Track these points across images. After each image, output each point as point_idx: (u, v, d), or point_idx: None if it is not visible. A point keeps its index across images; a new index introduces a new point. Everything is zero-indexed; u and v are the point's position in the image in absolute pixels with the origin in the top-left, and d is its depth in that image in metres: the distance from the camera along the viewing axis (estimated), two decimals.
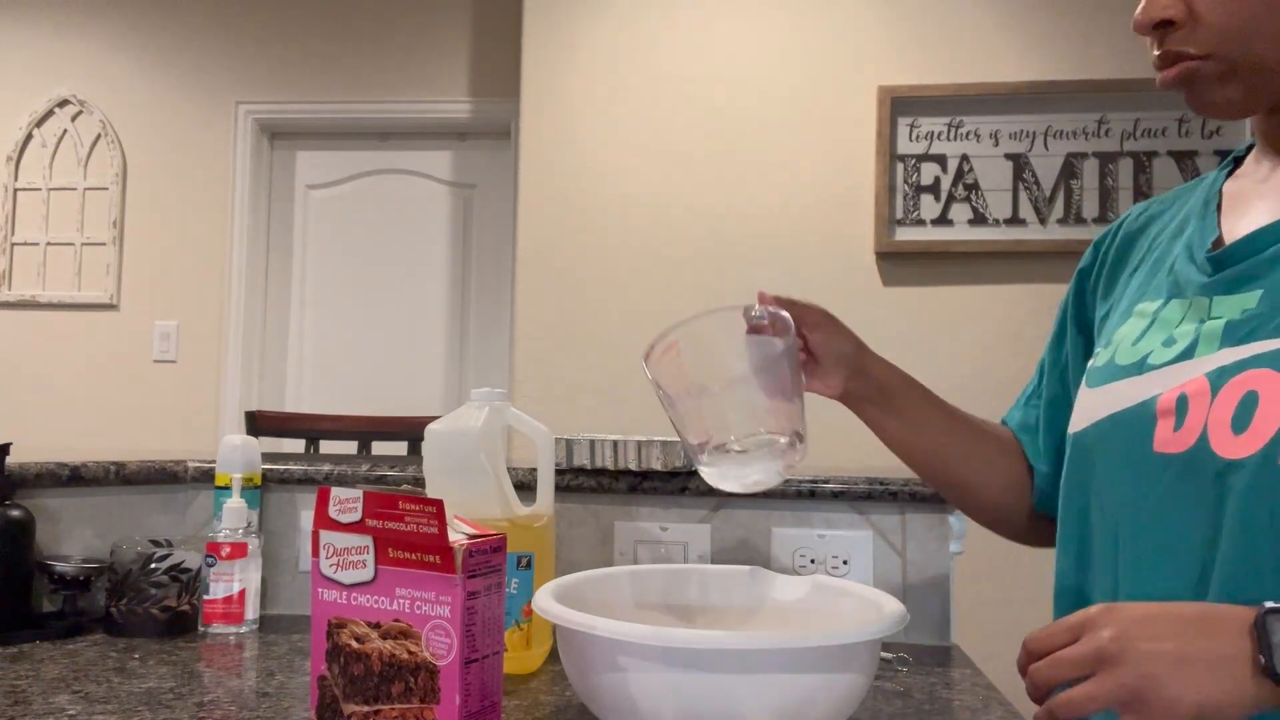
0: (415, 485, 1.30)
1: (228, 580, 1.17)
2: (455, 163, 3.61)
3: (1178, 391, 0.71)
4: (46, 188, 3.60)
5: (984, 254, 2.66)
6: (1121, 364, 0.78)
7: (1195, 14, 0.71)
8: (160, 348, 3.53)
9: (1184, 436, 0.69)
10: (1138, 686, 0.56)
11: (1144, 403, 0.73)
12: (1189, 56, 0.72)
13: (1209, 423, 0.68)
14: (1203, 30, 0.71)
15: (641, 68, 2.82)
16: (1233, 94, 0.73)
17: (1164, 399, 0.72)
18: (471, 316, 3.56)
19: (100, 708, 0.87)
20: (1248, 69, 0.71)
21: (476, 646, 0.73)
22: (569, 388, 2.77)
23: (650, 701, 0.74)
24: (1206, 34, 0.71)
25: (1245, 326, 0.69)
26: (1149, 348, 0.76)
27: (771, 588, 0.97)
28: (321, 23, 3.54)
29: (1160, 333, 0.76)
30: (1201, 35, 0.71)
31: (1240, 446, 0.65)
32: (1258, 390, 0.65)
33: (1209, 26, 0.71)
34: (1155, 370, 0.74)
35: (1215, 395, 0.68)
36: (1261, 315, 0.69)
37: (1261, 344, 0.67)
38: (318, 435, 2.22)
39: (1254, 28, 0.69)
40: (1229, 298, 0.72)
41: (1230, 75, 0.72)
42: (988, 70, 2.67)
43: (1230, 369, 0.68)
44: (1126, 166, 2.62)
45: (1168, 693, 0.56)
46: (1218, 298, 0.73)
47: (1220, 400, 0.67)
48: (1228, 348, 0.69)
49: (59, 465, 1.24)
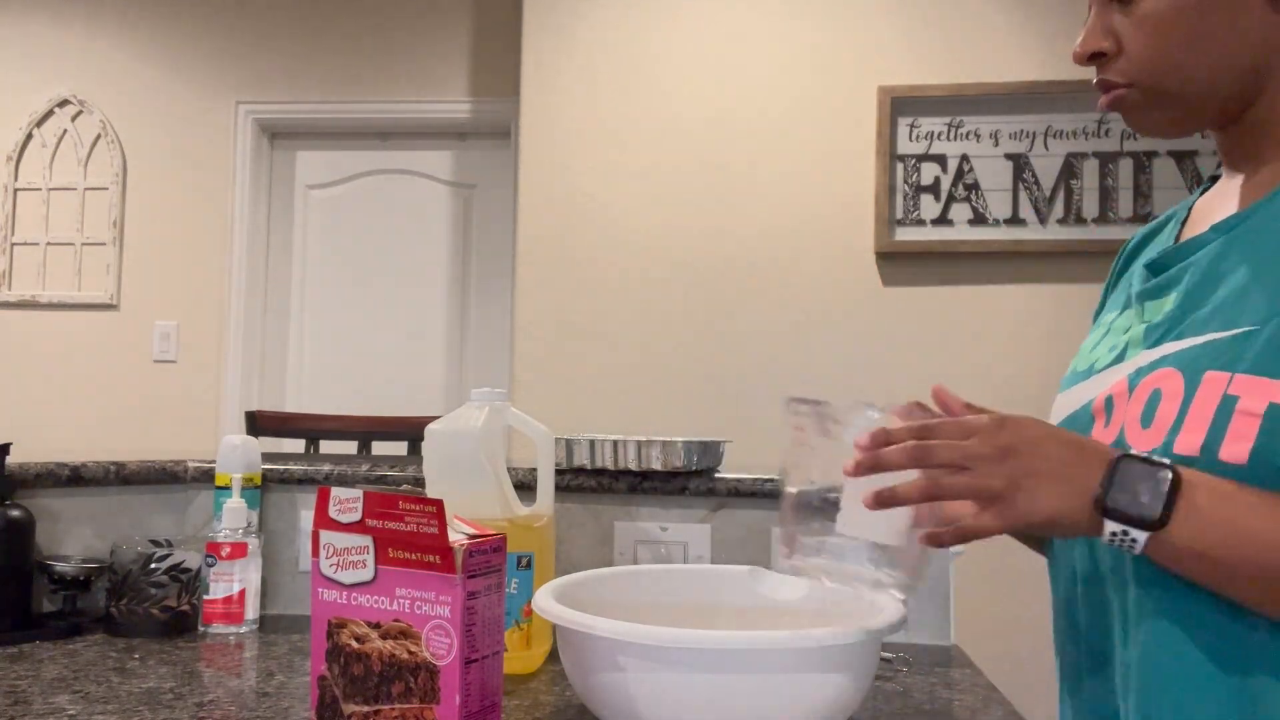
0: (415, 485, 1.30)
1: (228, 580, 1.17)
2: (455, 163, 3.61)
3: (1106, 393, 0.79)
4: (46, 188, 3.60)
5: (984, 254, 2.66)
6: (1078, 370, 0.86)
7: (1122, 46, 0.77)
8: (160, 348, 3.53)
9: (1110, 433, 0.77)
10: (1006, 487, 0.66)
11: (1086, 405, 0.82)
12: (1118, 85, 0.78)
13: (1125, 420, 0.75)
14: (1127, 61, 0.77)
15: (642, 68, 2.82)
16: (1159, 118, 0.78)
17: (1097, 400, 0.80)
18: (471, 316, 3.56)
19: (100, 708, 0.87)
20: (1169, 96, 0.77)
21: (477, 646, 0.73)
22: (569, 388, 2.77)
23: (650, 701, 0.74)
24: (1131, 65, 0.77)
25: (1159, 329, 0.77)
26: (1098, 355, 0.84)
27: (771, 588, 0.97)
28: (321, 23, 3.54)
29: (1110, 339, 0.83)
30: (1127, 66, 0.77)
31: (1146, 440, 0.72)
32: (1161, 388, 0.72)
33: (1132, 58, 0.77)
34: (1097, 374, 0.82)
35: (1131, 394, 0.75)
36: (1173, 317, 0.76)
37: (1169, 345, 0.74)
38: (318, 435, 2.22)
39: (1171, 60, 0.75)
40: (1153, 302, 0.79)
41: (1155, 102, 0.77)
42: (988, 70, 2.67)
43: (1145, 369, 0.75)
44: (1126, 166, 2.62)
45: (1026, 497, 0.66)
46: (1147, 303, 0.80)
47: (1134, 398, 0.75)
48: (1145, 350, 0.77)
49: (59, 465, 1.24)
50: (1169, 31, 0.75)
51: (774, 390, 2.63)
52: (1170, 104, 0.77)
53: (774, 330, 2.71)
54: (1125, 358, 0.79)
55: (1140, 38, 0.76)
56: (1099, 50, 0.78)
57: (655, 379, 2.74)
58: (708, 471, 1.27)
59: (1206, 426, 0.68)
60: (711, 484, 1.26)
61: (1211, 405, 0.68)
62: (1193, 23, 0.74)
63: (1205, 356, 0.70)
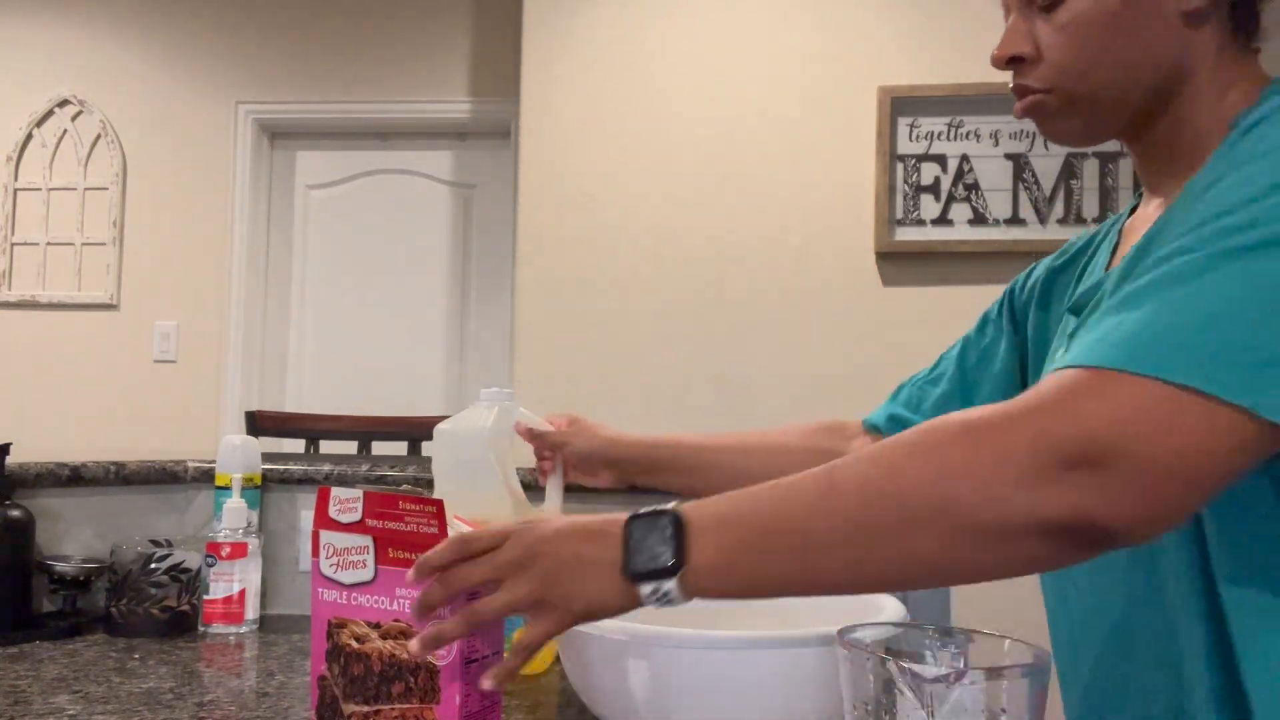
0: (415, 485, 1.30)
1: (228, 580, 1.17)
2: (455, 163, 3.61)
3: None
4: (46, 188, 3.60)
5: (984, 254, 2.66)
6: None
7: (1040, 51, 0.78)
8: (160, 348, 3.53)
9: None
10: (540, 591, 0.65)
11: None
12: (1034, 90, 0.79)
13: None
14: (1045, 67, 0.78)
15: (641, 67, 2.82)
16: (1073, 125, 0.80)
17: None
18: (471, 316, 3.56)
19: (100, 708, 0.87)
20: (1085, 103, 0.78)
21: (476, 647, 0.73)
22: (569, 388, 2.77)
23: (650, 701, 0.74)
24: (1048, 70, 0.78)
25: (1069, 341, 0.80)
26: None
27: None
28: (321, 23, 3.54)
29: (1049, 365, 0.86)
30: (1044, 71, 0.78)
31: None
32: None
33: (1050, 64, 0.78)
34: None
35: None
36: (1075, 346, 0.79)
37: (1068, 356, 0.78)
38: (318, 435, 2.22)
39: (1088, 66, 0.76)
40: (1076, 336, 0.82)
41: (1069, 108, 0.78)
42: (988, 70, 2.65)
43: None
44: (1126, 166, 2.62)
45: (561, 593, 0.64)
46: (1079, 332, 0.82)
47: None
48: None
49: (59, 465, 1.24)
50: (1089, 38, 0.75)
51: (774, 390, 2.63)
52: (1084, 110, 0.78)
53: (774, 330, 2.70)
54: None
55: (1060, 43, 0.77)
56: (1018, 54, 0.79)
57: (655, 379, 2.74)
58: None
59: None
60: None
61: None
62: (1111, 31, 0.75)
63: None
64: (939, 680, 0.54)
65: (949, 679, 0.54)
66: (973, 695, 0.54)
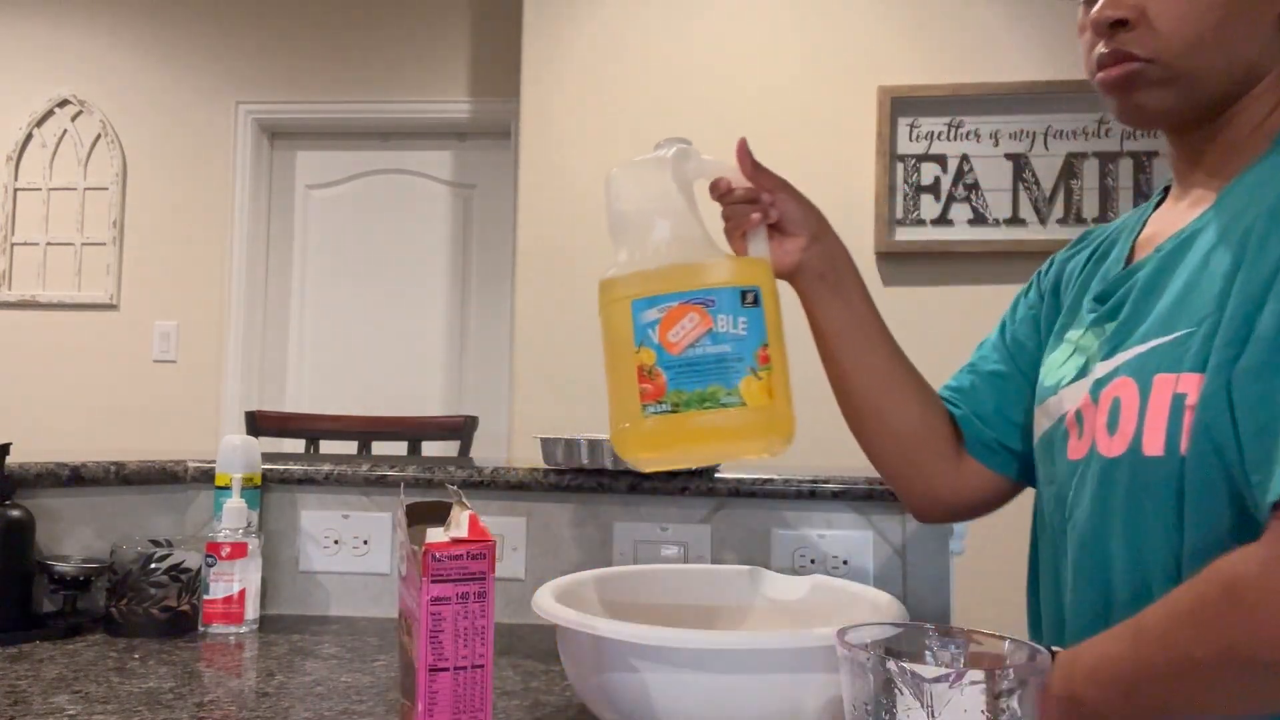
0: (427, 486, 1.30)
1: (228, 580, 1.17)
2: (455, 163, 3.61)
3: (1076, 407, 0.82)
4: (46, 188, 3.60)
5: (984, 254, 2.66)
6: (1047, 385, 0.89)
7: (1148, 18, 0.75)
8: (160, 348, 3.53)
9: (1084, 444, 0.80)
10: None
11: (1059, 419, 0.85)
12: (1135, 58, 0.76)
13: (1095, 430, 0.78)
14: (1153, 34, 0.75)
15: (641, 67, 2.82)
16: (1165, 101, 0.77)
17: (1069, 415, 0.83)
18: (471, 316, 3.56)
19: (100, 708, 0.87)
20: (1186, 79, 0.76)
21: (445, 655, 0.73)
22: (569, 388, 2.76)
23: (650, 701, 0.74)
24: (1156, 38, 0.75)
25: (1111, 342, 0.80)
26: (1064, 371, 0.87)
27: (771, 588, 0.97)
28: (322, 23, 3.54)
29: (1075, 357, 0.86)
30: (1151, 39, 0.75)
31: (1116, 444, 0.75)
32: (1119, 396, 0.76)
33: (1159, 32, 0.75)
34: (1063, 389, 0.85)
35: (1096, 405, 0.79)
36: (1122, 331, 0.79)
37: (1121, 355, 0.78)
38: (318, 435, 2.22)
39: (1197, 41, 0.74)
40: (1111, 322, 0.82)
41: (1168, 82, 0.76)
42: (988, 70, 2.67)
43: (1103, 380, 0.79)
44: (1126, 166, 2.62)
45: None
46: (1107, 324, 0.83)
47: (1099, 409, 0.78)
48: (1100, 362, 0.80)
49: (59, 465, 1.24)
50: (1205, 12, 0.74)
51: None
52: (1183, 87, 0.76)
53: None
54: (1086, 373, 0.82)
55: (1174, 12, 0.74)
56: (1124, 18, 0.75)
57: None
58: (708, 471, 1.27)
59: (1165, 425, 0.71)
60: (711, 484, 1.26)
61: (1165, 405, 0.71)
62: (1224, 10, 0.74)
63: (1153, 361, 0.74)
64: (939, 680, 0.54)
65: (949, 679, 0.54)
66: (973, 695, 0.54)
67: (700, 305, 0.80)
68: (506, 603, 1.26)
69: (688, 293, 0.80)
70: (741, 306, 0.81)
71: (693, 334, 0.79)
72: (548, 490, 1.28)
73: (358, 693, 0.94)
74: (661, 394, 0.78)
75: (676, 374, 0.78)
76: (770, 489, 1.25)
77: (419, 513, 0.79)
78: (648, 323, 0.80)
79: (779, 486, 1.25)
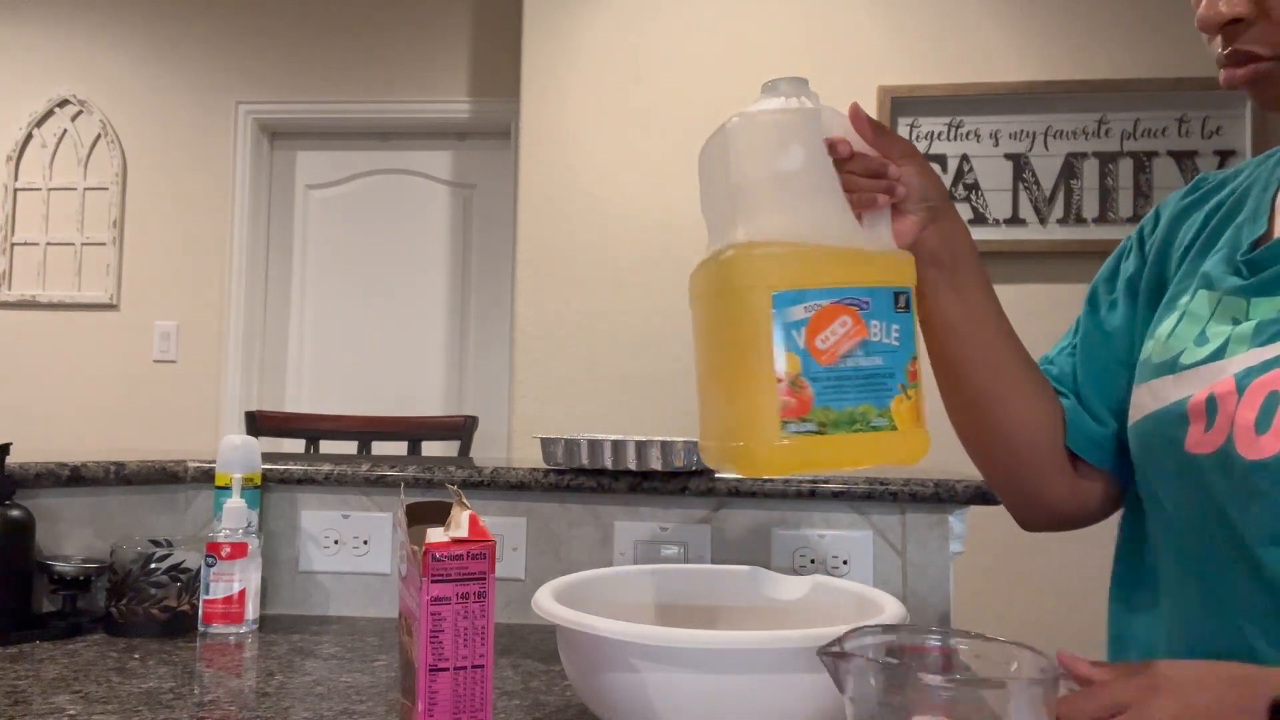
0: (427, 486, 1.30)
1: (228, 580, 1.17)
2: (455, 163, 3.61)
3: (1207, 392, 0.71)
4: (46, 188, 3.60)
5: (984, 254, 2.63)
6: (1156, 362, 0.78)
7: (1266, 11, 0.68)
8: (160, 348, 3.54)
9: (1213, 438, 0.69)
10: None
11: (1176, 403, 0.73)
12: (1259, 57, 0.69)
13: (1235, 424, 0.67)
14: (1274, 29, 0.68)
15: (641, 67, 2.82)
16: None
17: (1194, 400, 0.72)
18: (471, 316, 3.56)
19: (100, 708, 0.87)
20: None
21: (445, 655, 0.73)
22: (569, 388, 2.77)
23: (650, 701, 0.74)
24: (1278, 33, 0.68)
25: (1273, 327, 0.69)
26: (1180, 345, 0.76)
27: (771, 588, 0.97)
28: (322, 23, 3.54)
29: (1190, 328, 0.75)
30: (1273, 34, 0.68)
31: (1263, 446, 0.65)
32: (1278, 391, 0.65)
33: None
34: (1187, 370, 0.74)
35: (1241, 396, 0.68)
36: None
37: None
38: (318, 435, 2.22)
39: None
40: (1266, 299, 0.71)
41: None
42: (988, 70, 2.67)
43: (1256, 369, 0.68)
44: (1126, 166, 2.62)
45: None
46: (1255, 299, 0.72)
47: (1245, 401, 0.67)
48: (1255, 348, 0.69)
49: (59, 465, 1.24)
50: None
51: None
52: None
53: None
54: (1226, 354, 0.71)
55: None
56: (1240, 16, 0.68)
57: (655, 379, 2.74)
58: (708, 471, 1.27)
59: None
60: (711, 484, 1.26)
61: None
62: None
63: None
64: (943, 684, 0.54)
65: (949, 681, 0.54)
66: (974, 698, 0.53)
67: (854, 307, 0.69)
68: (506, 603, 1.26)
69: (840, 290, 0.69)
70: (894, 311, 0.72)
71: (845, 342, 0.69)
72: (548, 490, 1.28)
73: (358, 693, 0.94)
74: (806, 410, 0.68)
75: (824, 388, 0.68)
76: (770, 489, 1.25)
77: (419, 513, 0.79)
78: (792, 322, 0.68)
79: (779, 486, 1.25)
